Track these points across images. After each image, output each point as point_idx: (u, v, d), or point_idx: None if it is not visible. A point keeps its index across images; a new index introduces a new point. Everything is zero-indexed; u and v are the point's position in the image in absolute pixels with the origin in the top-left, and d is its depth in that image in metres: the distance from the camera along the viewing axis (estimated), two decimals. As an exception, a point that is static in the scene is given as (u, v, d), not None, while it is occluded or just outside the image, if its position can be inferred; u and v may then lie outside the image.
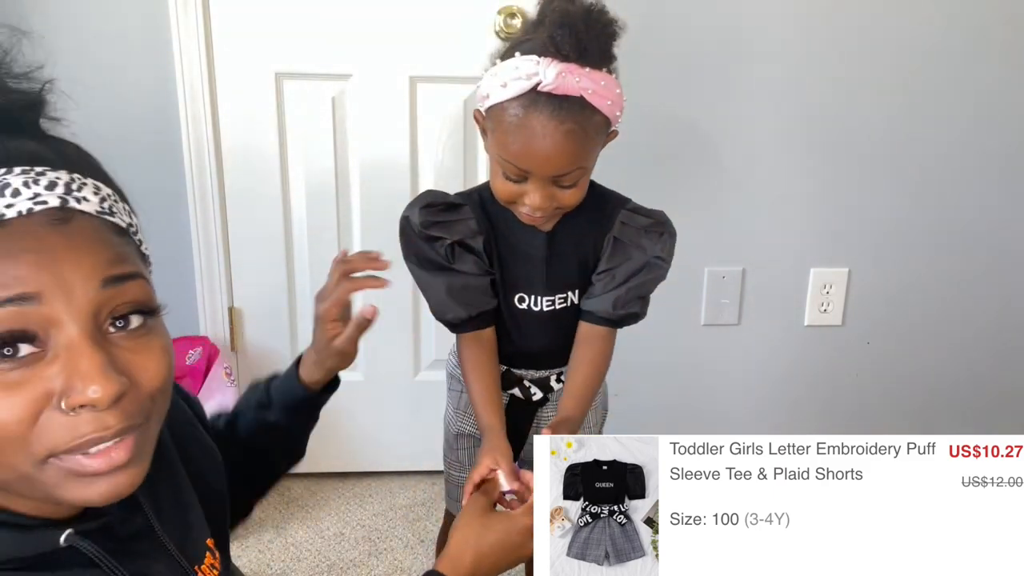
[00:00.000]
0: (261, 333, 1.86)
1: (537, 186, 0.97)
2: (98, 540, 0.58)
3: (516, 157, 0.96)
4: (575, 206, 1.02)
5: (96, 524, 0.59)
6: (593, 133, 0.97)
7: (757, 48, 1.75)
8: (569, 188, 0.99)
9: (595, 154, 1.00)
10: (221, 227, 1.76)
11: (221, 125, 1.71)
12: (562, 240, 1.09)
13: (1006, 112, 1.84)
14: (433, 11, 1.68)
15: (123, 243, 0.55)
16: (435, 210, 1.07)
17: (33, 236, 0.50)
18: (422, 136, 1.76)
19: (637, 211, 1.10)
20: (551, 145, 0.93)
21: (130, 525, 0.63)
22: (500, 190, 1.01)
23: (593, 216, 1.09)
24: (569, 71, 0.91)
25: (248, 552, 1.69)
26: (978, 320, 1.98)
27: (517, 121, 0.94)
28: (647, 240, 1.08)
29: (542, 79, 0.91)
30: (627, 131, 1.77)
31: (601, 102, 0.94)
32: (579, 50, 0.92)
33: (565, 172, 0.96)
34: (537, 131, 0.93)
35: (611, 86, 0.96)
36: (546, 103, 0.92)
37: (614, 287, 1.09)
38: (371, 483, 1.94)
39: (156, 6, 1.63)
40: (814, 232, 1.88)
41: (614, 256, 1.09)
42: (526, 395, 1.18)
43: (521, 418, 1.19)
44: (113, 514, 0.61)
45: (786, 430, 2.02)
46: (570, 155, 0.95)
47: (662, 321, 1.91)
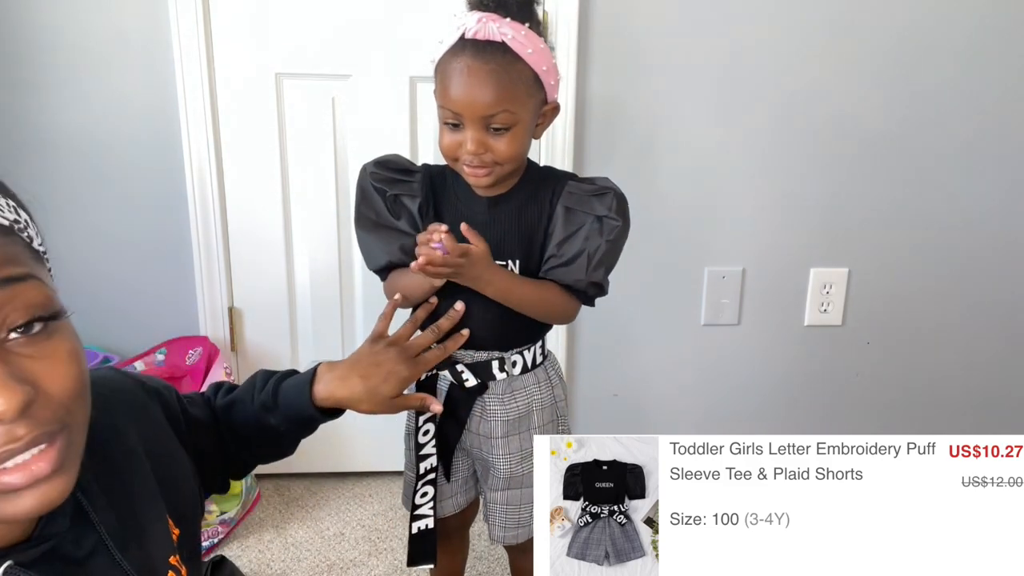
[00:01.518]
0: (261, 333, 1.86)
1: (471, 129, 1.05)
2: (43, 568, 0.55)
3: (448, 101, 1.05)
4: (510, 159, 1.07)
5: (39, 551, 0.56)
6: (518, 79, 1.04)
7: (757, 48, 1.75)
8: (501, 134, 1.05)
9: (525, 106, 1.06)
10: (221, 227, 1.76)
11: (221, 125, 1.71)
12: (503, 208, 1.13)
13: (1007, 112, 1.84)
14: (433, 11, 1.68)
15: (7, 243, 0.51)
16: (389, 168, 1.17)
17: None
18: (422, 136, 1.76)
19: (582, 181, 1.15)
20: (475, 83, 1.02)
21: (83, 544, 0.59)
22: (443, 145, 1.09)
23: (534, 189, 1.14)
24: (489, 19, 1.02)
25: (248, 552, 1.69)
26: (978, 320, 1.98)
27: (448, 68, 1.05)
28: (597, 202, 1.12)
29: (466, 26, 1.03)
30: (626, 130, 1.78)
31: (522, 50, 1.03)
32: (498, 1, 1.04)
33: (492, 113, 1.03)
34: (464, 72, 1.03)
35: (533, 39, 1.04)
36: (471, 47, 1.03)
37: (574, 254, 1.11)
38: (371, 483, 1.94)
39: (156, 6, 1.63)
40: (814, 232, 1.88)
41: (568, 224, 1.12)
42: (458, 380, 1.17)
43: (460, 405, 1.19)
44: (61, 535, 0.57)
45: (786, 430, 2.02)
46: (494, 94, 1.03)
47: (662, 321, 1.92)
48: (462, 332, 1.13)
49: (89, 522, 0.60)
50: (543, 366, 1.22)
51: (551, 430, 1.23)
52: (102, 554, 0.60)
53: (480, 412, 1.19)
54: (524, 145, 1.10)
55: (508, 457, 1.19)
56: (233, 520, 1.72)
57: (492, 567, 1.67)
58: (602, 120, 1.75)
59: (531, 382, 1.19)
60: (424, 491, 1.20)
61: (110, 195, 1.69)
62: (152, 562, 0.65)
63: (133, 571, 0.62)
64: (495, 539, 1.25)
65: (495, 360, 1.17)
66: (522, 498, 1.22)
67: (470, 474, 1.27)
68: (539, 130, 1.13)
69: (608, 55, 1.72)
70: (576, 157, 1.77)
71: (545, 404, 1.21)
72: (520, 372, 1.18)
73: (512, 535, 1.23)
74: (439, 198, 1.16)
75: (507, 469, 1.20)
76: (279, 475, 1.92)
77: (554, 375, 1.24)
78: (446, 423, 1.19)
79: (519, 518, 1.23)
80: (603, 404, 1.96)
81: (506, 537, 1.24)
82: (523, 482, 1.21)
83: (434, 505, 1.21)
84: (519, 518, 1.23)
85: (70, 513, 0.59)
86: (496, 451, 1.19)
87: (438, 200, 1.16)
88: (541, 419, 1.21)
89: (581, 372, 1.93)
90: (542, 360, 1.22)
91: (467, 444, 1.23)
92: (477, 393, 1.18)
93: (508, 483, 1.21)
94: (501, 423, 1.18)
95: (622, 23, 1.71)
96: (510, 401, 1.18)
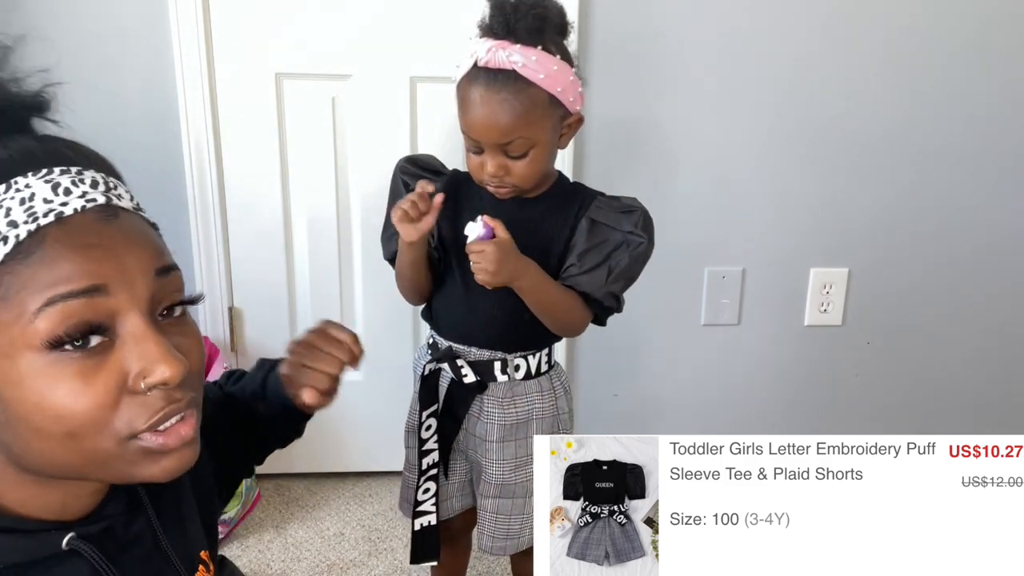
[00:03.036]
0: (261, 333, 1.86)
1: (489, 155, 1.07)
2: (99, 544, 0.59)
3: (466, 127, 1.08)
4: (530, 179, 1.08)
5: (98, 527, 0.60)
6: (531, 105, 1.04)
7: (757, 48, 1.75)
8: (519, 159, 1.06)
9: (542, 128, 1.06)
10: (221, 227, 1.76)
11: (221, 125, 1.71)
12: (526, 212, 1.13)
13: (1007, 112, 1.84)
14: (433, 11, 1.68)
15: (158, 236, 0.60)
16: (418, 165, 1.22)
17: (92, 231, 0.53)
18: (422, 136, 1.76)
19: (611, 198, 1.15)
20: (488, 114, 1.04)
21: (132, 527, 0.63)
22: (469, 166, 1.11)
23: (558, 202, 1.15)
24: (499, 46, 1.03)
25: (248, 552, 1.69)
26: (978, 320, 1.98)
27: (464, 95, 1.07)
28: (624, 219, 1.12)
29: (478, 55, 1.04)
30: (627, 131, 1.78)
31: (534, 76, 1.03)
32: (507, 28, 1.04)
33: (507, 140, 1.05)
34: (477, 101, 1.05)
35: (545, 61, 1.03)
36: (483, 76, 1.04)
37: (595, 264, 1.11)
38: (371, 483, 1.94)
39: (156, 6, 1.63)
40: (814, 232, 1.88)
41: (592, 236, 1.12)
42: (457, 375, 1.17)
43: (458, 402, 1.18)
44: (116, 516, 0.62)
45: (786, 430, 2.02)
46: (507, 123, 1.04)
47: (662, 321, 1.92)
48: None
49: (142, 508, 0.64)
50: (548, 375, 1.21)
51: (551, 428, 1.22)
52: (148, 538, 0.65)
53: (478, 413, 1.19)
54: (544, 164, 1.10)
55: (501, 463, 1.18)
56: (233, 520, 1.72)
57: (492, 567, 1.67)
58: (602, 122, 1.75)
59: (533, 389, 1.19)
60: (426, 487, 1.20)
61: (110, 195, 1.69)
62: (191, 553, 0.69)
63: (175, 558, 0.66)
64: (483, 548, 1.24)
65: (498, 361, 1.16)
66: (512, 508, 1.20)
67: (468, 479, 1.27)
68: (564, 140, 1.13)
69: (608, 59, 1.72)
70: (576, 161, 1.77)
71: (546, 414, 1.19)
72: (523, 377, 1.17)
73: (500, 546, 1.22)
74: (463, 199, 1.15)
75: (499, 476, 1.18)
76: (279, 475, 1.92)
77: (559, 386, 1.22)
78: (444, 420, 1.19)
79: (508, 529, 1.21)
80: (603, 404, 1.96)
81: (494, 548, 1.22)
82: (515, 492, 1.19)
83: (436, 502, 1.20)
84: (508, 529, 1.21)
85: (126, 498, 0.63)
86: (490, 455, 1.18)
87: (461, 202, 1.16)
88: (540, 429, 1.19)
89: (581, 372, 1.93)
90: (547, 369, 1.21)
91: (464, 445, 1.22)
92: (476, 391, 1.17)
93: (500, 491, 1.19)
94: (498, 427, 1.17)
95: (622, 28, 1.71)
96: (509, 406, 1.17)
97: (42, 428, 0.52)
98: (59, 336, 0.51)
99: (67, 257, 0.51)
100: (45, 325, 0.51)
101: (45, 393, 0.52)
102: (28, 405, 0.52)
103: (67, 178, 0.53)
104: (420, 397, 1.21)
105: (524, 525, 1.21)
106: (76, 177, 0.54)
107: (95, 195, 0.54)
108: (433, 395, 1.20)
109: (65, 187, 0.53)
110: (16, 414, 0.52)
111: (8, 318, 0.51)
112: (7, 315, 0.51)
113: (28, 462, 0.55)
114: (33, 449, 0.54)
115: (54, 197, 0.52)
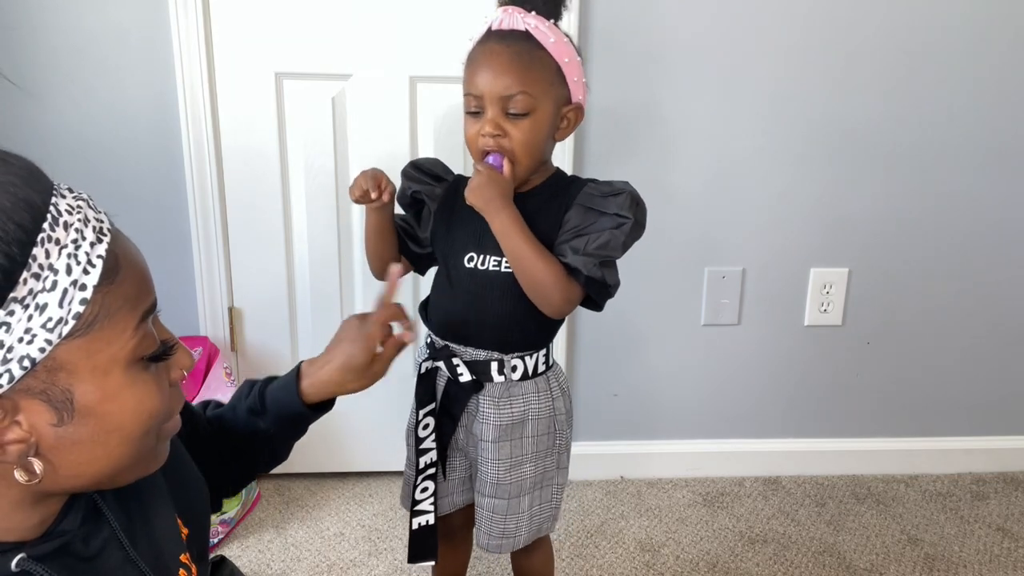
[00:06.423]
0: (261, 333, 1.86)
1: (490, 109, 1.08)
2: (56, 562, 0.57)
3: (470, 85, 1.09)
4: (525, 148, 1.09)
5: (52, 546, 0.58)
6: (539, 64, 1.07)
7: (757, 47, 1.75)
8: (519, 120, 1.07)
9: (546, 94, 1.08)
10: (221, 227, 1.76)
11: (221, 125, 1.71)
12: (523, 206, 1.12)
13: (1006, 111, 1.84)
14: (433, 11, 1.68)
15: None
16: (421, 170, 1.25)
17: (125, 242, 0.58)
18: (422, 136, 1.76)
19: (602, 183, 1.15)
20: (496, 64, 1.07)
21: (93, 542, 0.61)
22: (467, 136, 1.12)
23: (554, 193, 1.15)
24: (514, 11, 1.08)
25: (248, 552, 1.69)
26: (978, 320, 1.98)
27: (472, 56, 1.10)
28: (611, 201, 1.11)
29: (492, 21, 1.09)
30: (628, 130, 1.78)
31: (544, 39, 1.07)
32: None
33: (511, 93, 1.06)
34: (487, 55, 1.08)
35: (557, 32, 1.08)
36: (496, 36, 1.08)
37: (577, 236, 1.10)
38: (371, 483, 1.94)
39: (156, 6, 1.63)
40: (814, 232, 1.88)
41: (581, 218, 1.11)
42: (452, 373, 1.16)
43: (454, 401, 1.18)
44: (71, 532, 0.60)
45: (786, 430, 2.03)
46: (515, 74, 1.06)
47: (662, 321, 1.92)
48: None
49: (103, 519, 0.63)
50: (546, 376, 1.20)
51: (546, 442, 1.21)
52: (114, 550, 0.63)
53: (475, 413, 1.19)
54: (541, 136, 1.10)
55: (497, 463, 1.18)
56: (233, 520, 1.72)
57: (492, 567, 1.67)
58: (602, 121, 1.75)
59: (530, 390, 1.18)
60: (424, 486, 1.20)
61: (110, 195, 1.66)
62: (163, 558, 0.67)
63: (146, 566, 0.64)
64: (480, 546, 1.24)
65: (494, 361, 1.16)
66: (508, 508, 1.20)
67: (467, 475, 1.27)
68: (562, 132, 1.13)
69: (608, 57, 1.72)
70: (576, 158, 1.77)
71: (542, 415, 1.19)
72: (520, 378, 1.17)
73: (496, 544, 1.22)
74: (460, 204, 1.14)
75: (494, 475, 1.18)
76: (279, 475, 1.92)
77: (556, 387, 1.22)
78: (441, 419, 1.19)
79: (504, 528, 1.21)
80: (603, 404, 1.96)
81: (490, 545, 1.22)
82: (510, 492, 1.19)
83: (435, 501, 1.20)
84: (504, 528, 1.21)
85: (83, 510, 0.62)
86: (486, 455, 1.18)
87: (458, 206, 1.16)
88: (536, 429, 1.19)
89: (581, 372, 1.93)
90: (545, 369, 1.20)
91: (463, 443, 1.22)
92: (472, 391, 1.17)
93: (495, 490, 1.19)
94: (493, 427, 1.17)
95: (622, 26, 1.71)
96: (505, 406, 1.17)
97: (133, 432, 0.56)
98: (156, 348, 0.56)
99: (135, 272, 0.55)
100: (145, 339, 0.55)
101: (143, 398, 0.56)
102: (127, 414, 0.55)
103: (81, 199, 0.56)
104: (417, 395, 1.21)
105: (520, 524, 1.21)
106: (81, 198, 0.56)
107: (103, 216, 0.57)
108: (431, 394, 1.20)
109: (85, 199, 0.55)
110: (112, 425, 0.54)
111: (111, 335, 0.53)
112: (110, 332, 0.53)
113: (67, 481, 0.55)
114: (98, 460, 0.55)
115: (92, 212, 0.55)
